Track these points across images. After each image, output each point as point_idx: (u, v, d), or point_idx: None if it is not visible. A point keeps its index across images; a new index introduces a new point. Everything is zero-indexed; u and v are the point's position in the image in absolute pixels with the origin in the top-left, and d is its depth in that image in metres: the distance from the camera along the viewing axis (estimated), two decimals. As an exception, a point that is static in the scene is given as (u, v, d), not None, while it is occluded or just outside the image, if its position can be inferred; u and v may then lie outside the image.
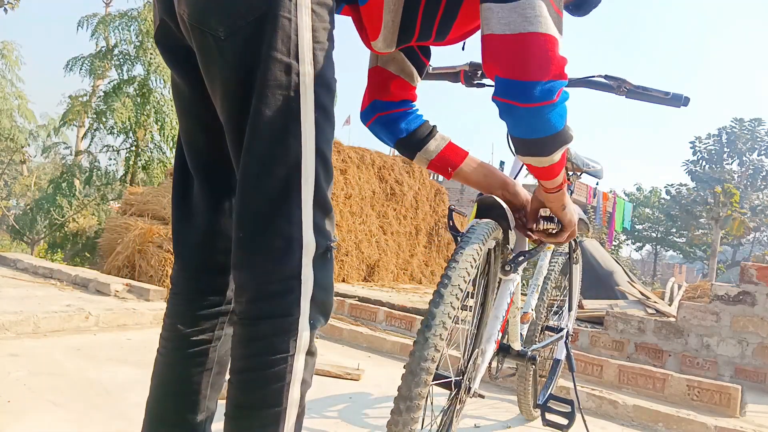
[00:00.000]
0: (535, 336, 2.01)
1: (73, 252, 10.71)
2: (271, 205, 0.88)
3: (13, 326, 2.68)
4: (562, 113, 0.97)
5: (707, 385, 2.69)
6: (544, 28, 0.90)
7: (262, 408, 0.89)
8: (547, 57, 0.91)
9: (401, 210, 7.15)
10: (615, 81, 1.46)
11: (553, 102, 0.93)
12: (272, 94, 0.86)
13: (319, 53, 0.89)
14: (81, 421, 1.73)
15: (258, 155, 0.87)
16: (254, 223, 0.89)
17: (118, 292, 3.73)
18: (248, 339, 0.89)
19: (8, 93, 17.16)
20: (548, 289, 2.04)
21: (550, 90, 0.92)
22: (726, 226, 23.44)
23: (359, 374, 2.64)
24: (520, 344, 1.83)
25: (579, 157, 2.00)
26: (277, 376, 0.88)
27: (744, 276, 3.53)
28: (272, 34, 0.85)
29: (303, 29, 0.87)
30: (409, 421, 0.97)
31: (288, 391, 0.89)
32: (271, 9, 0.85)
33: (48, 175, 18.86)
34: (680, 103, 1.42)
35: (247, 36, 0.86)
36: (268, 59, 0.85)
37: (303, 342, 0.89)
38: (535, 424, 2.22)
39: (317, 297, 0.91)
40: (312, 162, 0.89)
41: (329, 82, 0.92)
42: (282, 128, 0.87)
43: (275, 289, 0.88)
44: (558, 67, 0.92)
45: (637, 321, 3.81)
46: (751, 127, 30.35)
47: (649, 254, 35.67)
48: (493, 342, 1.38)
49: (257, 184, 0.88)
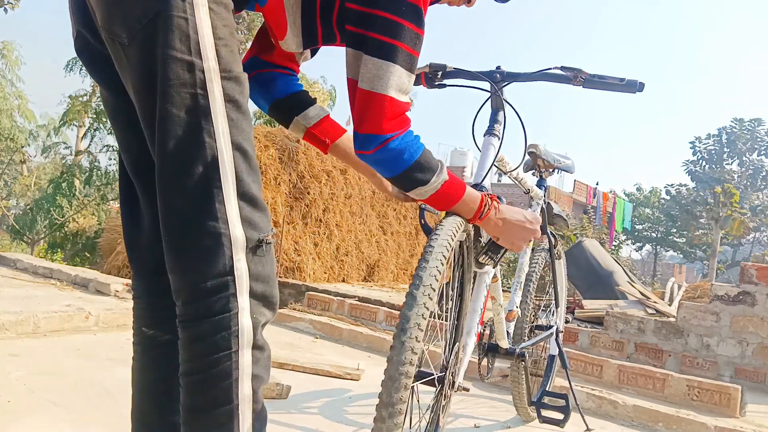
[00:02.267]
0: (523, 334, 2.01)
1: (73, 252, 10.71)
2: (193, 205, 0.88)
3: (13, 326, 2.68)
4: (393, 161, 1.03)
5: (707, 385, 2.69)
6: (368, 85, 0.98)
7: (213, 408, 0.89)
8: (363, 113, 1.00)
9: (401, 210, 7.15)
10: (571, 72, 1.47)
11: (369, 153, 1.01)
12: (177, 93, 0.87)
13: (223, 49, 0.90)
14: (81, 421, 1.73)
15: (173, 155, 0.87)
16: (179, 225, 0.89)
17: (118, 292, 3.73)
18: (190, 341, 0.90)
19: (8, 93, 17.18)
20: (531, 286, 2.03)
21: (364, 142, 1.01)
22: (726, 226, 23.43)
23: (359, 374, 2.64)
24: (507, 342, 1.84)
25: (549, 154, 2.01)
26: (222, 374, 0.88)
27: (744, 276, 3.53)
28: (167, 34, 0.86)
29: (202, 27, 0.87)
30: (392, 427, 0.97)
31: (237, 388, 0.88)
32: (162, 10, 0.85)
33: (48, 175, 18.86)
34: (635, 88, 1.45)
35: (144, 38, 0.87)
36: (167, 59, 0.86)
37: (246, 337, 0.89)
38: (534, 423, 2.22)
39: (256, 290, 0.91)
40: (230, 156, 0.89)
41: (237, 76, 0.92)
42: (194, 125, 0.87)
43: (209, 287, 0.88)
44: (373, 124, 0.99)
45: (637, 321, 3.81)
46: (751, 127, 30.31)
47: (649, 254, 35.68)
48: (474, 335, 1.39)
49: (176, 185, 0.88)
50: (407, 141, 1.03)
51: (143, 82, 0.88)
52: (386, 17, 0.96)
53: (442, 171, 1.09)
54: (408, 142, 1.03)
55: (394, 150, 1.02)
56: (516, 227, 1.25)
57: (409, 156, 1.03)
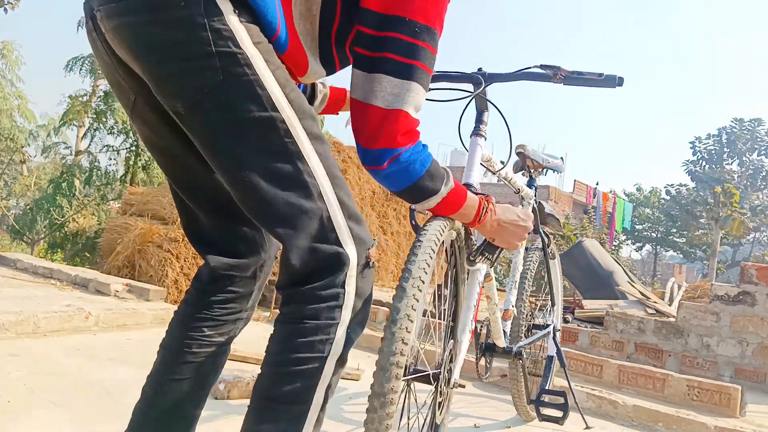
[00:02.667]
0: (520, 333, 2.02)
1: (73, 252, 10.70)
2: (313, 239, 0.96)
3: (13, 326, 2.68)
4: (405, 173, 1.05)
5: (707, 385, 2.69)
6: (383, 102, 0.99)
7: (290, 402, 0.94)
8: (377, 130, 1.00)
9: (401, 210, 7.16)
10: (550, 69, 1.49)
11: (382, 168, 1.03)
12: (275, 149, 0.93)
13: (291, 93, 0.95)
14: (81, 422, 1.74)
15: (284, 201, 0.94)
16: (302, 259, 0.96)
17: (118, 292, 3.73)
18: (289, 335, 0.95)
19: (8, 93, 17.18)
20: (526, 285, 2.06)
21: (377, 158, 1.02)
22: (726, 226, 23.42)
23: (359, 374, 2.64)
24: (504, 341, 1.85)
25: (537, 154, 2.03)
26: (308, 374, 0.94)
27: (744, 276, 3.53)
28: (241, 98, 0.90)
29: (267, 82, 0.92)
30: (384, 417, 0.99)
31: (314, 392, 0.94)
32: (223, 79, 0.88)
33: (48, 175, 18.85)
34: (614, 83, 1.46)
35: (209, 108, 0.91)
36: (250, 121, 0.91)
37: (337, 348, 0.95)
38: (534, 422, 2.22)
39: (357, 307, 0.98)
40: (330, 189, 0.98)
41: (309, 111, 0.99)
42: (294, 172, 0.94)
43: (323, 295, 0.95)
44: (388, 139, 1.01)
45: (637, 321, 3.81)
46: (751, 127, 30.31)
47: (649, 254, 35.67)
48: (468, 332, 1.40)
49: (293, 226, 0.95)
50: (417, 151, 1.05)
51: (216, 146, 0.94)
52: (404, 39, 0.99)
53: (449, 179, 1.12)
54: (418, 152, 1.05)
55: (405, 161, 1.03)
56: (510, 226, 1.28)
57: (420, 166, 1.06)
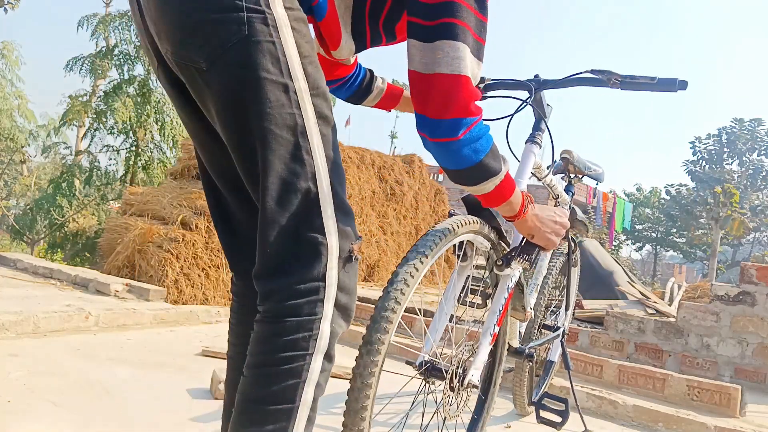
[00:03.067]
0: (532, 334, 2.03)
1: (73, 252, 10.71)
2: (296, 218, 0.92)
3: (13, 326, 2.68)
4: (476, 147, 1.02)
5: (707, 385, 2.69)
6: (449, 68, 0.96)
7: (275, 403, 0.91)
8: (449, 95, 0.97)
9: (401, 210, 7.15)
10: (603, 74, 1.46)
11: (458, 138, 0.99)
12: (278, 114, 0.90)
13: (309, 67, 0.93)
14: (81, 421, 1.73)
15: (277, 172, 0.91)
16: (282, 238, 0.92)
17: (118, 292, 3.73)
18: (271, 335, 0.92)
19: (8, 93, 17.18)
20: (547, 289, 2.06)
21: (452, 127, 0.98)
22: (726, 226, 23.43)
23: (359, 374, 2.64)
24: (518, 342, 1.85)
25: (581, 160, 2.02)
26: (294, 372, 0.91)
27: (744, 276, 3.53)
28: (259, 57, 0.88)
29: (289, 48, 0.90)
30: (369, 363, 1.04)
31: (302, 390, 0.91)
32: (247, 35, 0.87)
33: (48, 175, 18.85)
34: (675, 87, 1.38)
35: (228, 63, 0.89)
36: (262, 82, 0.89)
37: (322, 343, 0.93)
38: (532, 420, 2.22)
39: (340, 301, 0.95)
40: (326, 171, 0.94)
41: (324, 92, 0.96)
42: (294, 144, 0.92)
43: (302, 289, 0.92)
44: (462, 105, 0.98)
45: (637, 321, 3.81)
46: (751, 127, 30.30)
47: (649, 254, 35.67)
48: (490, 335, 1.39)
49: (280, 201, 0.92)
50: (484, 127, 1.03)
51: (229, 104, 0.91)
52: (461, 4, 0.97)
53: (506, 164, 1.10)
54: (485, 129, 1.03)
55: (478, 133, 1.01)
56: (549, 222, 1.28)
57: (486, 141, 1.03)
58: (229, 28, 0.87)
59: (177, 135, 10.93)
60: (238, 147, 0.94)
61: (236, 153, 0.95)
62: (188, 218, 4.31)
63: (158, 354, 2.67)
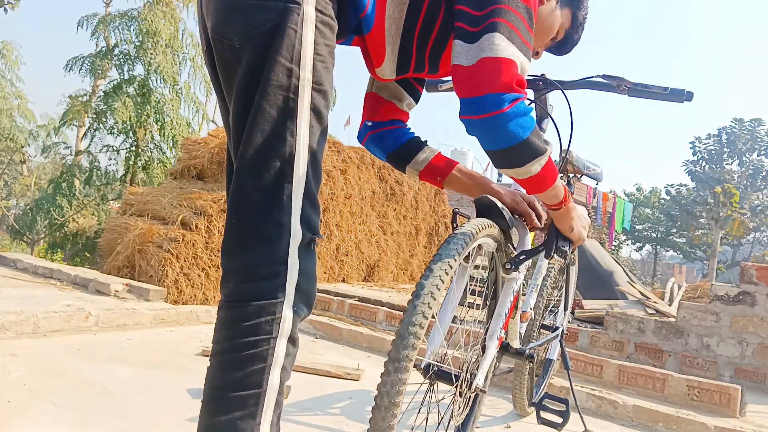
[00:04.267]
0: (532, 334, 2.03)
1: (73, 252, 10.71)
2: (265, 193, 0.94)
3: (13, 326, 2.68)
4: (521, 124, 1.03)
5: (707, 385, 2.69)
6: (494, 53, 1.01)
7: (242, 389, 0.91)
8: (494, 73, 1.01)
9: (401, 210, 7.15)
10: (614, 80, 1.46)
11: (503, 111, 1.01)
12: (274, 93, 0.95)
13: (319, 64, 0.98)
14: (81, 421, 1.73)
15: (256, 145, 0.95)
16: (248, 209, 0.95)
17: (118, 292, 3.73)
18: (234, 320, 0.93)
19: (8, 93, 17.18)
20: (547, 289, 2.06)
21: (498, 101, 1.01)
22: (726, 226, 23.42)
23: (359, 374, 2.64)
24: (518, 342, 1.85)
25: (580, 160, 2.02)
26: (259, 357, 0.91)
27: (744, 276, 3.53)
28: (279, 41, 0.95)
29: (306, 41, 0.97)
30: (396, 381, 1.00)
31: (268, 374, 0.91)
32: (282, 21, 0.95)
33: (48, 175, 18.84)
34: (683, 98, 1.39)
35: (258, 43, 0.96)
36: (273, 62, 0.95)
37: (286, 326, 0.93)
38: (532, 420, 2.22)
39: (301, 285, 0.95)
40: (305, 157, 0.97)
41: (325, 90, 1.00)
42: (280, 123, 0.95)
43: (264, 272, 0.93)
44: (506, 81, 1.01)
45: (637, 321, 3.81)
46: (751, 127, 30.30)
47: (649, 254, 35.66)
48: (496, 339, 1.39)
49: (253, 173, 0.95)
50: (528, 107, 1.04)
51: (246, 79, 0.97)
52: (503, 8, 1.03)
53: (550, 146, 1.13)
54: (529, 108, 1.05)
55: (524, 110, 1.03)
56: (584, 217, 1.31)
57: (531, 121, 1.04)
58: (267, 14, 0.95)
59: (177, 135, 10.94)
60: (237, 121, 0.98)
61: (234, 126, 0.99)
62: (188, 218, 4.31)
63: (158, 354, 2.67)
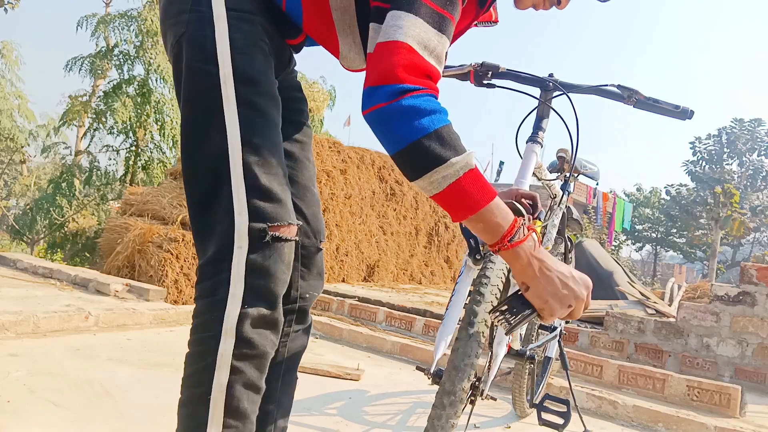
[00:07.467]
0: (531, 335, 2.03)
1: (73, 252, 10.70)
2: (205, 193, 0.97)
3: (13, 326, 2.68)
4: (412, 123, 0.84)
5: (707, 385, 2.69)
6: (384, 38, 0.88)
7: (191, 387, 0.92)
8: (379, 62, 0.86)
9: (401, 210, 7.15)
10: (627, 91, 1.51)
11: (386, 104, 0.84)
12: (195, 96, 0.99)
13: (239, 57, 0.97)
14: (81, 421, 1.73)
15: (188, 150, 0.99)
16: (193, 211, 0.99)
17: (118, 292, 3.72)
18: (192, 317, 0.96)
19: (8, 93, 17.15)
20: None
21: (373, 94, 0.86)
22: (726, 226, 23.42)
23: (359, 374, 2.64)
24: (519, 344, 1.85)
25: (578, 160, 2.02)
26: (202, 354, 0.92)
27: (744, 276, 3.53)
28: (189, 48, 0.98)
29: (220, 40, 0.97)
30: (451, 415, 1.00)
31: (212, 374, 0.89)
32: (188, 29, 0.99)
33: (48, 175, 18.84)
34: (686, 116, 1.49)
35: (176, 54, 1.02)
36: (189, 69, 0.99)
37: (229, 324, 0.90)
38: (531, 420, 2.22)
39: (252, 282, 0.92)
40: (239, 153, 0.95)
41: (252, 76, 0.99)
42: (205, 123, 0.97)
43: (209, 270, 0.95)
44: (388, 71, 0.85)
45: (637, 321, 3.81)
46: (751, 127, 30.29)
47: (649, 254, 35.66)
48: (504, 345, 1.38)
49: (191, 175, 0.99)
50: (429, 102, 0.85)
51: (178, 91, 1.02)
52: None
53: (468, 155, 0.86)
54: (431, 104, 0.85)
55: (408, 105, 0.83)
56: (556, 281, 0.91)
57: (429, 121, 0.84)
58: (177, 28, 1.00)
59: (177, 135, 10.94)
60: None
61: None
62: (188, 218, 4.30)
63: (158, 354, 2.67)
